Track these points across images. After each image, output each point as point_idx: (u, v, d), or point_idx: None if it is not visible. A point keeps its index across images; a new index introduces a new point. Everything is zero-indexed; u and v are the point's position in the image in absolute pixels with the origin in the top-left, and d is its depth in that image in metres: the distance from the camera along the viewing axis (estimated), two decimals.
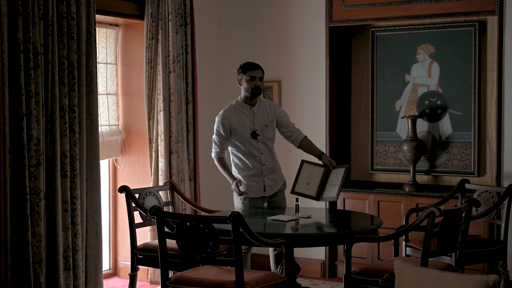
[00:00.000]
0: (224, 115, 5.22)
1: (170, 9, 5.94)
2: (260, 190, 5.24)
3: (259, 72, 5.18)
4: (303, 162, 5.07)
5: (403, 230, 4.46)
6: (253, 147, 5.21)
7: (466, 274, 3.13)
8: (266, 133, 5.25)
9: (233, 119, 5.19)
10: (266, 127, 5.24)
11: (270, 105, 5.34)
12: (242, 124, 5.19)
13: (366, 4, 6.18)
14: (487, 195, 5.42)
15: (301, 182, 5.02)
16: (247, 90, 5.19)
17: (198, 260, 4.03)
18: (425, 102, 6.25)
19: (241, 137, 5.19)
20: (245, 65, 5.22)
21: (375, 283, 4.11)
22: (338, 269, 6.40)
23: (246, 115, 5.22)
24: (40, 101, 4.83)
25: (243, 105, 5.24)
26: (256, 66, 5.21)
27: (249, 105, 5.24)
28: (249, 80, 5.16)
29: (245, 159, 5.22)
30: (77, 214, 5.12)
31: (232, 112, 5.22)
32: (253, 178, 5.23)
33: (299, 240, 4.38)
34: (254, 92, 5.18)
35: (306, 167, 5.04)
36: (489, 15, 5.81)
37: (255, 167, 5.21)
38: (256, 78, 5.16)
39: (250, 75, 5.16)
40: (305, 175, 5.02)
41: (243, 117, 5.21)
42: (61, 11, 5.00)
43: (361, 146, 6.59)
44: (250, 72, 5.16)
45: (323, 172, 4.98)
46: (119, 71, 6.26)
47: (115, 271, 6.34)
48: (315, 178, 4.99)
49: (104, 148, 5.97)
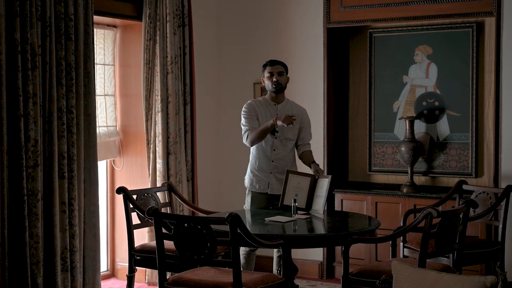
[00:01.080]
0: (251, 104, 5.32)
1: (168, 10, 5.94)
2: (265, 185, 5.30)
3: (277, 67, 5.25)
4: (288, 172, 5.07)
5: (401, 231, 4.46)
6: (268, 142, 5.25)
7: (463, 275, 3.13)
8: (287, 132, 5.26)
9: (259, 111, 5.29)
10: (286, 127, 5.19)
11: (298, 109, 5.36)
12: (264, 117, 5.26)
13: (364, 5, 6.18)
14: (484, 196, 5.42)
15: (289, 193, 5.02)
16: (268, 86, 5.28)
17: (196, 261, 4.03)
18: (423, 103, 6.26)
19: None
20: (265, 62, 5.32)
21: (373, 284, 4.11)
22: (336, 270, 6.39)
23: (269, 110, 5.29)
24: (37, 102, 4.82)
25: (268, 101, 5.33)
26: (274, 62, 5.30)
27: (274, 102, 5.31)
28: (268, 76, 5.26)
29: (256, 152, 5.28)
30: (74, 215, 5.11)
31: (258, 104, 5.32)
32: (260, 172, 5.29)
33: (297, 241, 4.38)
34: (274, 87, 5.24)
35: (292, 178, 5.06)
36: (486, 16, 5.82)
37: (264, 162, 5.25)
38: (275, 74, 5.23)
39: (269, 71, 5.26)
40: (292, 186, 5.03)
41: (266, 112, 5.29)
42: (59, 12, 4.99)
43: (359, 147, 6.60)
44: (269, 68, 5.26)
45: (310, 182, 5.00)
46: (117, 72, 6.26)
47: (113, 272, 6.33)
48: (303, 189, 5.01)
49: (102, 149, 5.97)
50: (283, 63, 5.32)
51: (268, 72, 5.25)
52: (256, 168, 5.30)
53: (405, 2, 6.03)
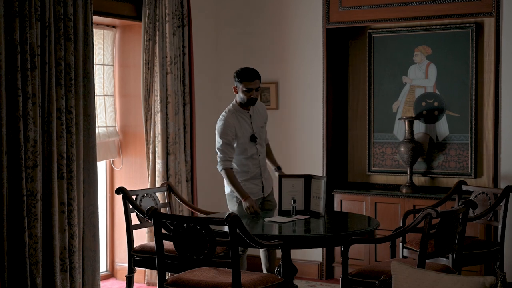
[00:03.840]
0: (229, 123, 5.08)
1: (167, 10, 5.94)
2: (259, 192, 5.26)
3: (256, 83, 5.06)
4: (280, 177, 5.07)
5: (400, 232, 4.46)
6: (253, 150, 5.20)
7: (463, 275, 3.13)
8: (262, 134, 5.28)
9: (237, 127, 5.11)
10: (261, 129, 5.26)
11: (261, 106, 5.36)
12: (243, 129, 5.15)
13: (363, 6, 6.18)
14: (484, 197, 5.43)
15: (285, 198, 5.01)
16: (242, 100, 5.11)
17: (195, 261, 4.03)
18: (422, 104, 6.26)
19: (243, 142, 5.14)
20: (241, 74, 5.07)
21: (372, 284, 4.11)
22: (335, 270, 6.39)
23: (245, 120, 5.18)
24: (37, 102, 4.82)
25: (240, 110, 5.17)
26: (253, 76, 5.05)
27: (245, 109, 5.20)
28: (245, 91, 5.06)
29: (246, 163, 5.19)
30: (74, 216, 5.11)
31: (233, 119, 5.11)
32: (253, 181, 5.24)
33: (296, 242, 4.38)
34: (249, 103, 5.13)
35: (286, 182, 5.05)
36: (486, 17, 5.82)
37: (255, 170, 5.22)
38: (253, 90, 5.06)
39: (246, 87, 5.04)
40: (287, 190, 5.03)
41: (243, 123, 5.15)
42: (58, 12, 4.99)
43: (358, 147, 6.60)
44: (246, 84, 5.04)
45: (304, 182, 5.00)
46: (116, 72, 6.26)
47: (112, 273, 6.33)
48: (299, 191, 5.00)
49: (101, 149, 5.97)
50: (258, 74, 5.11)
51: (245, 87, 5.03)
52: (249, 177, 5.21)
53: (404, 2, 6.03)
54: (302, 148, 6.52)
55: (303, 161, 6.49)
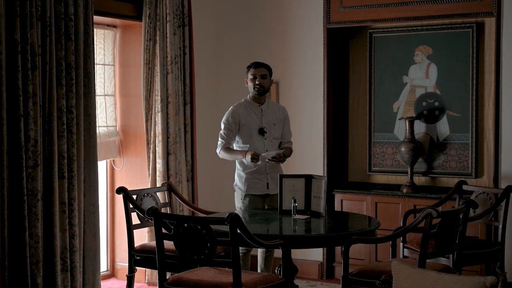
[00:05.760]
0: (234, 110, 5.31)
1: (168, 10, 5.94)
2: (264, 187, 5.29)
3: (261, 70, 5.27)
4: (281, 177, 5.07)
5: (400, 232, 4.46)
6: (259, 144, 5.26)
7: (463, 275, 3.13)
8: (274, 131, 5.33)
9: (243, 115, 5.29)
10: (274, 126, 5.34)
11: (279, 108, 5.47)
12: (250, 120, 5.28)
13: (364, 6, 6.18)
14: (484, 197, 5.43)
15: (286, 197, 5.01)
16: (250, 88, 5.31)
17: (195, 261, 4.03)
18: (423, 104, 6.26)
19: (249, 133, 5.27)
20: (250, 64, 5.33)
21: (373, 284, 4.11)
22: (336, 270, 6.39)
23: (255, 112, 5.32)
24: (37, 102, 4.82)
25: (251, 103, 5.35)
26: (258, 64, 5.31)
27: (257, 103, 5.33)
28: (251, 78, 5.28)
29: None
30: (74, 215, 5.11)
31: (241, 108, 5.32)
32: (256, 175, 5.30)
33: (296, 242, 4.38)
34: (256, 90, 5.25)
35: (286, 181, 5.05)
36: (486, 16, 5.82)
37: (260, 163, 5.23)
38: (258, 77, 5.25)
39: (252, 74, 5.28)
40: (288, 189, 5.02)
41: (251, 114, 5.30)
42: (59, 12, 4.99)
43: (358, 147, 6.60)
44: (252, 71, 5.28)
45: (304, 182, 5.00)
46: (117, 72, 6.26)
47: (113, 272, 6.33)
48: (299, 190, 5.00)
49: (102, 149, 5.97)
50: (267, 65, 5.34)
51: (251, 75, 5.28)
52: (252, 171, 5.29)
53: (405, 2, 6.03)
54: (302, 148, 6.52)
55: (304, 161, 6.49)
